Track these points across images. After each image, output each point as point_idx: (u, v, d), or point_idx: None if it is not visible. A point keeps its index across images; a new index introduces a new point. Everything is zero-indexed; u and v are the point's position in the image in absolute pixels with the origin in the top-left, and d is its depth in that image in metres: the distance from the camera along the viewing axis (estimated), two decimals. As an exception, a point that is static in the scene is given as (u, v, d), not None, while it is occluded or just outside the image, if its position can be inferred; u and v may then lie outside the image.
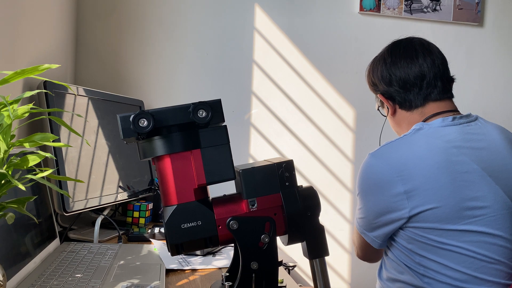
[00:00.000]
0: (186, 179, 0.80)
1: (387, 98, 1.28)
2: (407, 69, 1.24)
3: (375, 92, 1.32)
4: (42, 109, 0.85)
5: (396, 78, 1.25)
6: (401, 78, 1.24)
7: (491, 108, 2.26)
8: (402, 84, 1.24)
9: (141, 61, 1.98)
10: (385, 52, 1.31)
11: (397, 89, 1.25)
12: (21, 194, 0.99)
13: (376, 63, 1.31)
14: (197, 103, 0.79)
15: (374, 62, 1.32)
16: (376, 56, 1.33)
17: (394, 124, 1.33)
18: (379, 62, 1.30)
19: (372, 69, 1.32)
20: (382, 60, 1.29)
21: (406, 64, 1.25)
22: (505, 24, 2.27)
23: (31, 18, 1.36)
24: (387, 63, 1.28)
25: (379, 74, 1.28)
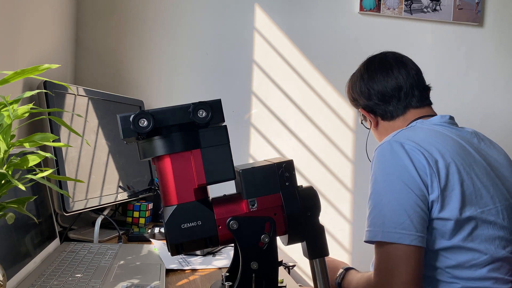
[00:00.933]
0: (186, 179, 0.80)
1: (368, 111, 1.32)
2: (384, 82, 1.29)
3: (357, 107, 1.36)
4: (42, 109, 0.85)
5: (374, 92, 1.30)
6: (379, 91, 1.29)
7: (491, 108, 2.26)
8: (381, 97, 1.29)
9: (141, 61, 1.98)
10: (361, 68, 1.35)
11: (376, 102, 1.30)
12: (21, 194, 0.99)
13: (354, 79, 1.36)
14: (197, 103, 0.79)
15: (352, 79, 1.37)
16: (354, 73, 1.38)
17: (378, 135, 1.36)
18: (357, 78, 1.35)
19: (351, 85, 1.36)
20: (359, 76, 1.34)
21: (383, 78, 1.29)
22: (505, 24, 2.27)
23: (31, 18, 1.36)
24: (364, 78, 1.32)
25: (357, 89, 1.33)
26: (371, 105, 1.31)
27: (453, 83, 2.23)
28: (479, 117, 2.22)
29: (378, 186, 1.09)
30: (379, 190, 1.09)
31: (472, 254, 1.07)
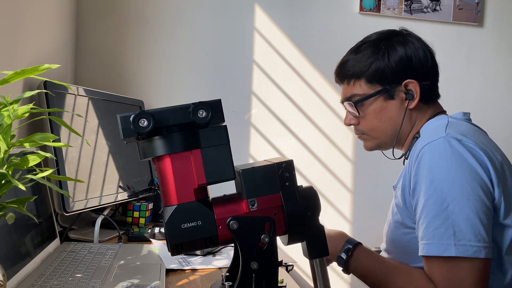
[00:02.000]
0: (186, 179, 0.80)
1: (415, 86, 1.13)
2: (426, 55, 1.15)
3: (394, 82, 1.13)
4: (42, 109, 0.85)
5: (428, 57, 1.15)
6: (426, 62, 1.14)
7: (491, 108, 2.26)
8: (433, 66, 1.15)
9: (141, 61, 1.98)
10: (389, 36, 1.17)
11: (428, 73, 1.14)
12: (21, 194, 0.99)
13: (386, 47, 1.14)
14: (197, 103, 0.79)
15: (378, 48, 1.15)
16: (372, 41, 1.18)
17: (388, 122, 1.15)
18: (392, 47, 1.14)
19: (388, 53, 1.14)
20: (397, 42, 1.14)
21: (423, 51, 1.16)
22: (505, 24, 2.27)
23: (31, 18, 1.36)
24: (408, 43, 1.14)
25: (397, 57, 1.13)
26: (422, 77, 1.12)
27: (453, 83, 2.23)
28: (479, 117, 2.20)
29: (441, 192, 0.96)
30: (444, 196, 0.95)
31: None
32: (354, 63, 1.17)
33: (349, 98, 1.17)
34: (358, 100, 1.16)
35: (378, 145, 1.21)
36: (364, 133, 1.21)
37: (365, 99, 1.15)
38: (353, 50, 1.21)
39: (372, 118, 1.16)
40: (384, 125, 1.16)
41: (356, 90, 1.16)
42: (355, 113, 1.18)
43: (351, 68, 1.17)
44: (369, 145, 1.22)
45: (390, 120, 1.15)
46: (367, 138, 1.21)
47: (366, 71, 1.14)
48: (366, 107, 1.16)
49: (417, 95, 1.14)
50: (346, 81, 1.18)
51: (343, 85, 1.20)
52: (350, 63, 1.18)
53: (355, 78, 1.16)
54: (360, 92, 1.16)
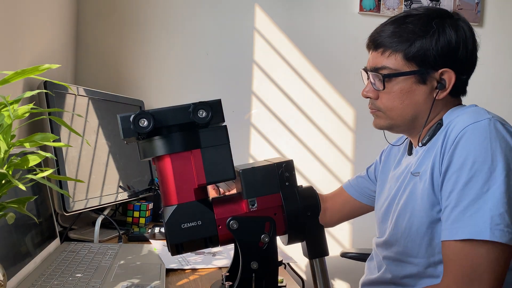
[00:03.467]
0: (186, 179, 0.80)
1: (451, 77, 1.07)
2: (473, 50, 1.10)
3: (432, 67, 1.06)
4: (42, 109, 0.85)
5: (474, 52, 1.09)
6: (475, 54, 1.08)
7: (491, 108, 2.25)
8: (475, 62, 1.10)
9: (141, 61, 1.99)
10: (441, 16, 1.08)
11: (468, 68, 1.10)
12: (21, 194, 0.99)
13: (437, 28, 1.06)
14: (197, 103, 0.79)
15: (429, 26, 1.05)
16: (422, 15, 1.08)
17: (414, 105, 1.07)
18: (443, 29, 1.06)
19: (438, 34, 1.05)
20: (449, 26, 1.06)
21: (471, 43, 1.09)
22: (505, 24, 2.27)
23: (31, 18, 1.36)
24: (460, 30, 1.07)
25: (451, 46, 1.05)
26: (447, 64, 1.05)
27: (453, 83, 2.23)
28: (479, 117, 2.22)
29: (483, 175, 0.92)
30: (485, 179, 0.92)
31: None
32: (395, 34, 1.07)
33: (378, 69, 1.08)
34: (388, 74, 1.06)
35: (391, 126, 1.12)
36: (380, 109, 1.11)
37: (397, 75, 1.06)
38: (397, 19, 1.10)
39: (395, 97, 1.07)
40: (405, 108, 1.08)
41: (389, 62, 1.07)
42: (380, 87, 1.08)
43: (390, 37, 1.07)
44: (381, 123, 1.13)
45: (413, 105, 1.07)
46: (381, 116, 1.12)
47: (407, 47, 1.05)
48: (393, 84, 1.07)
49: (450, 87, 1.07)
50: (382, 49, 1.08)
51: (375, 52, 1.10)
52: (392, 31, 1.07)
53: (392, 50, 1.06)
54: (392, 66, 1.06)
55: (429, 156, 1.06)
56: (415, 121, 1.10)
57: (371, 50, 1.12)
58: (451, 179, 0.96)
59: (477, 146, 0.94)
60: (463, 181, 0.94)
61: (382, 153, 1.36)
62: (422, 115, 1.09)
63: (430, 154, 1.06)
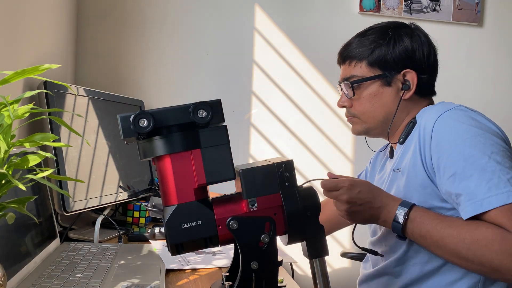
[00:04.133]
0: (186, 179, 0.80)
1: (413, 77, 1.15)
2: (432, 51, 1.19)
3: (394, 69, 1.15)
4: (42, 109, 0.85)
5: (431, 54, 1.17)
6: (429, 57, 1.17)
7: (490, 108, 2.26)
8: (427, 64, 1.17)
9: (141, 61, 1.99)
10: (397, 26, 1.19)
11: (422, 68, 1.15)
12: (21, 194, 0.99)
13: (393, 35, 1.17)
14: (197, 103, 0.79)
15: (385, 34, 1.17)
16: (380, 27, 1.20)
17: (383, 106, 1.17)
18: (399, 36, 1.17)
19: (394, 41, 1.16)
20: (405, 34, 1.17)
21: (428, 45, 1.18)
22: (505, 24, 2.27)
23: (31, 18, 1.36)
24: (415, 36, 1.17)
25: (403, 47, 1.16)
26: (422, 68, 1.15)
27: (453, 83, 2.23)
28: (479, 117, 2.22)
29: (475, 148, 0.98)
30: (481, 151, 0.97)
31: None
32: (358, 45, 1.19)
33: (347, 79, 1.19)
34: (355, 81, 1.17)
35: (367, 129, 1.21)
36: (355, 116, 1.21)
37: (363, 81, 1.17)
38: (360, 33, 1.23)
39: (365, 101, 1.18)
40: (376, 111, 1.18)
41: (355, 71, 1.18)
42: (351, 94, 1.19)
43: (354, 49, 1.19)
44: (358, 128, 1.22)
45: (383, 106, 1.17)
46: (357, 122, 1.22)
47: (369, 54, 1.17)
48: (362, 89, 1.18)
49: (413, 86, 1.16)
50: (348, 61, 1.20)
51: (344, 65, 1.22)
52: (354, 44, 1.20)
53: (357, 60, 1.18)
54: (359, 74, 1.18)
55: (406, 152, 1.13)
56: (387, 122, 1.18)
57: (340, 64, 1.25)
58: (443, 168, 1.01)
59: (454, 129, 1.02)
60: (461, 164, 0.98)
61: (369, 163, 1.43)
62: (396, 116, 1.18)
63: (407, 150, 1.13)
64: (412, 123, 1.16)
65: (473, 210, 0.95)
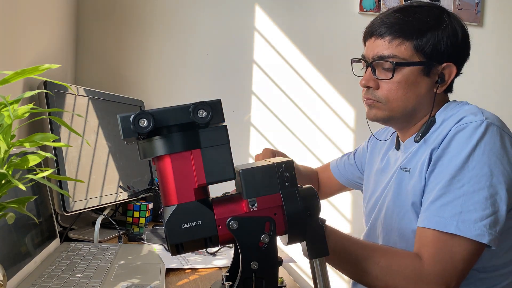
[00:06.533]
0: (186, 179, 0.80)
1: (452, 72, 1.08)
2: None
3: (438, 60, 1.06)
4: (42, 109, 0.85)
5: (467, 52, 1.12)
6: (468, 55, 1.11)
7: (490, 108, 2.25)
8: (463, 61, 1.11)
9: (141, 61, 1.98)
10: (443, 14, 1.08)
11: (459, 65, 1.09)
12: (21, 194, 0.99)
13: (449, 23, 1.07)
14: (197, 103, 0.79)
15: (441, 18, 1.06)
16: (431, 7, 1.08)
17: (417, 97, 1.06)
18: (453, 25, 1.08)
19: (450, 29, 1.07)
20: (453, 23, 1.08)
21: (468, 40, 1.13)
22: (505, 24, 2.27)
23: (31, 18, 1.36)
24: (461, 30, 1.09)
25: (457, 41, 1.08)
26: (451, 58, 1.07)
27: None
28: (479, 117, 2.22)
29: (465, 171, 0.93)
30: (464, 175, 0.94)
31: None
32: (408, 22, 1.04)
33: (384, 58, 1.05)
34: (401, 63, 1.03)
35: (389, 118, 1.09)
36: (379, 100, 1.07)
37: (407, 64, 1.03)
38: (405, 8, 1.08)
39: (399, 87, 1.05)
40: (407, 100, 1.06)
41: (398, 51, 1.04)
42: (387, 76, 1.05)
43: (401, 25, 1.04)
44: (379, 114, 1.09)
45: (415, 97, 1.06)
46: (380, 107, 1.08)
47: (420, 37, 1.03)
48: (398, 74, 1.04)
49: (449, 81, 1.08)
50: (390, 37, 1.05)
51: (381, 40, 1.06)
52: (401, 20, 1.05)
53: (403, 38, 1.04)
54: (401, 55, 1.04)
55: (421, 153, 1.06)
56: (413, 115, 1.09)
57: (374, 37, 1.08)
58: (434, 170, 0.98)
59: (464, 144, 0.95)
60: (448, 175, 0.95)
61: (369, 142, 1.37)
62: (421, 108, 1.08)
63: (422, 151, 1.06)
64: (432, 121, 1.08)
65: (420, 221, 0.96)
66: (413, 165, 1.07)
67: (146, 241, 1.40)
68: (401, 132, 1.16)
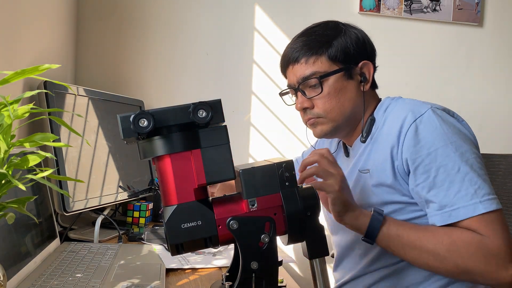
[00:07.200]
0: (186, 179, 0.80)
1: (370, 68, 1.15)
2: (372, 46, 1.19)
3: (353, 61, 1.12)
4: (42, 109, 0.85)
5: (372, 48, 1.18)
6: (374, 50, 1.18)
7: (490, 108, 2.26)
8: (374, 56, 1.18)
9: (141, 61, 1.98)
10: (338, 24, 1.17)
11: (373, 62, 1.16)
12: (21, 194, 1.00)
13: (345, 27, 1.15)
14: (197, 103, 0.79)
15: (338, 27, 1.15)
16: (325, 23, 1.17)
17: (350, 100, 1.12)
18: (348, 28, 1.15)
19: (349, 32, 1.14)
20: (349, 28, 1.15)
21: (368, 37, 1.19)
22: (505, 24, 2.27)
23: (31, 18, 1.36)
24: (357, 31, 1.15)
25: (360, 41, 1.14)
26: (370, 61, 1.14)
27: (453, 83, 2.23)
28: (478, 117, 2.22)
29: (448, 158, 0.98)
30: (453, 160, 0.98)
31: None
32: (313, 40, 1.12)
33: (308, 77, 1.11)
34: (323, 75, 1.10)
35: (335, 128, 1.14)
36: (320, 116, 1.13)
37: (330, 74, 1.10)
38: (304, 32, 1.17)
39: (332, 97, 1.11)
40: (344, 106, 1.12)
41: (317, 67, 1.11)
42: (316, 92, 1.11)
43: (309, 45, 1.12)
44: (324, 129, 1.15)
45: (349, 100, 1.12)
46: (323, 122, 1.14)
47: (329, 48, 1.11)
48: (326, 86, 1.11)
49: (370, 78, 1.14)
50: (304, 58, 1.12)
51: (297, 65, 1.13)
52: (306, 41, 1.13)
53: (316, 55, 1.11)
54: (320, 69, 1.11)
55: (372, 152, 1.10)
56: (353, 118, 1.15)
57: (290, 65, 1.16)
58: (420, 173, 1.01)
59: (430, 136, 1.00)
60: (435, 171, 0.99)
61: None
62: (357, 110, 1.14)
63: (374, 149, 1.10)
64: (371, 120, 1.13)
65: (442, 220, 0.98)
66: (370, 165, 1.11)
67: (146, 241, 1.40)
68: (347, 138, 1.21)
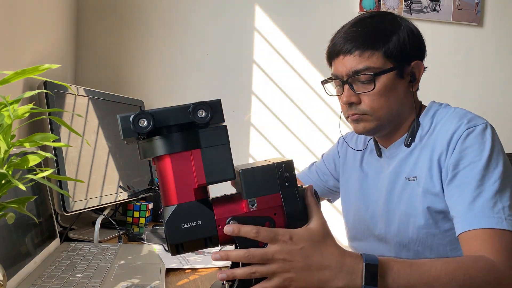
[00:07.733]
0: (186, 179, 0.80)
1: (421, 69, 1.11)
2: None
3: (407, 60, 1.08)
4: (42, 109, 0.85)
5: (425, 47, 1.13)
6: (425, 50, 1.14)
7: (490, 108, 2.26)
8: (425, 56, 1.13)
9: (141, 61, 1.99)
10: (396, 17, 1.11)
11: (423, 61, 1.12)
12: (21, 194, 0.99)
13: (405, 23, 1.10)
14: (197, 103, 0.79)
15: (397, 22, 1.09)
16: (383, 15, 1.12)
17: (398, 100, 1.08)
18: (408, 24, 1.10)
19: (408, 28, 1.09)
20: (406, 23, 1.10)
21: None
22: (505, 24, 2.27)
23: (31, 18, 1.36)
24: (414, 28, 1.11)
25: (416, 39, 1.11)
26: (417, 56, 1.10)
27: (453, 83, 2.23)
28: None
29: (488, 170, 0.98)
30: (491, 173, 0.98)
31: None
32: (370, 32, 1.06)
33: (360, 72, 1.05)
34: (378, 72, 1.05)
35: (379, 127, 1.09)
36: (365, 113, 1.08)
37: (384, 72, 1.05)
38: (360, 20, 1.10)
39: (381, 95, 1.06)
40: (391, 105, 1.07)
41: (371, 62, 1.05)
42: (367, 88, 1.05)
43: (367, 37, 1.06)
44: (369, 126, 1.09)
45: (397, 100, 1.08)
46: (368, 119, 1.08)
47: (386, 43, 1.05)
48: (379, 83, 1.05)
49: (420, 78, 1.11)
50: (358, 51, 1.06)
51: (350, 56, 1.07)
52: (363, 32, 1.06)
53: (372, 49, 1.05)
54: (374, 65, 1.05)
55: (420, 159, 1.08)
56: (398, 119, 1.11)
57: (341, 56, 1.10)
58: (457, 177, 1.00)
59: (482, 147, 1.00)
60: (473, 177, 0.98)
61: (338, 148, 1.39)
62: (403, 111, 1.11)
63: (421, 156, 1.08)
64: (417, 124, 1.10)
65: (462, 227, 0.95)
66: (418, 172, 1.08)
67: (146, 241, 1.40)
68: (384, 138, 1.16)
